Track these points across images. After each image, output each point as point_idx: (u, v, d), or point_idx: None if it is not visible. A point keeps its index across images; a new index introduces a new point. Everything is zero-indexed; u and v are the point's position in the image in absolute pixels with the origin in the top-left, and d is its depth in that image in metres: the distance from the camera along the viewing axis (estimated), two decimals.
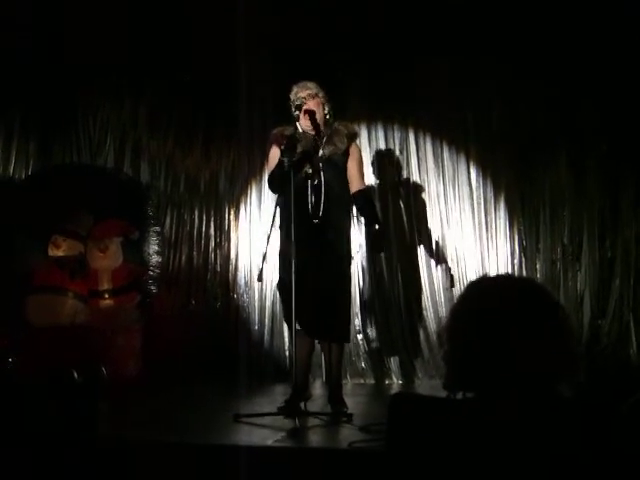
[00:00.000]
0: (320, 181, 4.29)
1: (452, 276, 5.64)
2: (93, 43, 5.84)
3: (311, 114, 4.32)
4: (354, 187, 4.44)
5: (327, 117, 4.47)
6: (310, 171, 4.32)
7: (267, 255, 4.18)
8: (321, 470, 3.31)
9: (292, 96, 4.41)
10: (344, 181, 4.45)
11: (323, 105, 4.44)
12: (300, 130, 4.39)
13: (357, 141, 4.63)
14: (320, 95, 4.42)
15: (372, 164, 5.87)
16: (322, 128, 4.40)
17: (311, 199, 4.28)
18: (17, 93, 6.07)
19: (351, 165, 4.47)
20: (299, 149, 4.27)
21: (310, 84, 4.42)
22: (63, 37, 5.91)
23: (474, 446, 1.48)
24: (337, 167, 4.39)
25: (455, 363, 1.59)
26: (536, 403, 1.50)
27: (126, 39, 5.99)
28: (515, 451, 1.46)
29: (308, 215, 4.25)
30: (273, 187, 4.46)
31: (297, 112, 4.35)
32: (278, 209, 4.27)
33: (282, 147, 4.20)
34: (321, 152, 4.35)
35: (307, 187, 4.29)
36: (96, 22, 5.78)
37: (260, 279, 4.52)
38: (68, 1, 5.81)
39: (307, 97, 4.38)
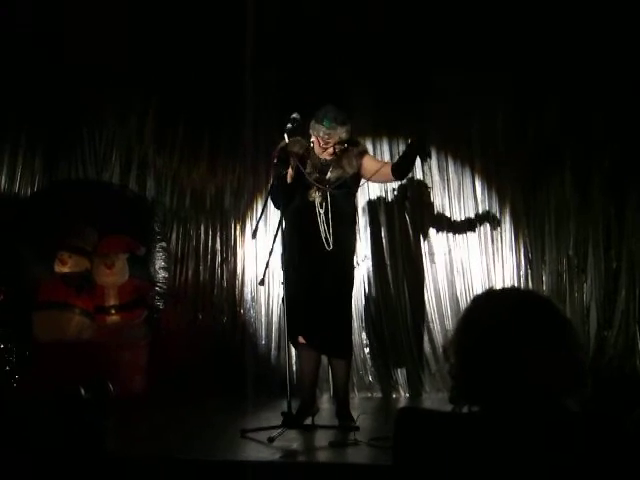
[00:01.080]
0: (323, 204, 4.33)
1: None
2: (100, 58, 5.86)
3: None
4: (389, 170, 4.44)
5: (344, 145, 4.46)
6: (315, 194, 4.35)
7: (269, 262, 4.25)
8: None
9: (312, 124, 4.39)
10: (350, 200, 4.50)
11: (344, 137, 4.40)
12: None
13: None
14: (345, 130, 4.35)
15: None
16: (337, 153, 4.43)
17: (315, 220, 4.32)
18: (23, 109, 6.06)
19: (371, 168, 4.47)
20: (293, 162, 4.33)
21: (340, 128, 4.33)
22: (69, 53, 5.93)
23: (481, 460, 1.47)
24: (344, 186, 4.41)
25: (461, 377, 1.59)
26: (543, 417, 1.49)
27: (132, 54, 6.01)
28: (522, 465, 1.45)
29: (311, 236, 4.30)
30: (273, 201, 4.52)
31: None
32: (283, 224, 4.31)
33: (275, 160, 4.27)
34: (329, 175, 4.37)
35: (312, 208, 4.33)
36: (102, 37, 5.80)
37: (262, 283, 4.55)
38: (75, 13, 5.82)
39: (326, 140, 4.36)
